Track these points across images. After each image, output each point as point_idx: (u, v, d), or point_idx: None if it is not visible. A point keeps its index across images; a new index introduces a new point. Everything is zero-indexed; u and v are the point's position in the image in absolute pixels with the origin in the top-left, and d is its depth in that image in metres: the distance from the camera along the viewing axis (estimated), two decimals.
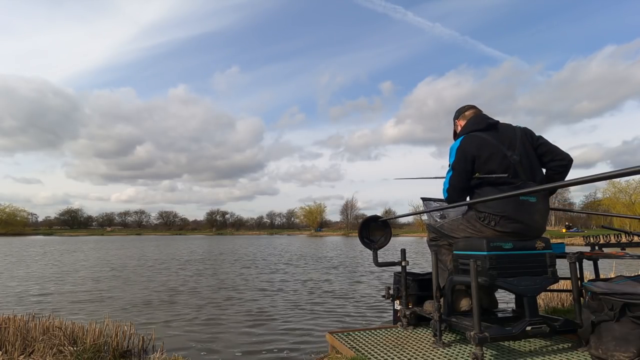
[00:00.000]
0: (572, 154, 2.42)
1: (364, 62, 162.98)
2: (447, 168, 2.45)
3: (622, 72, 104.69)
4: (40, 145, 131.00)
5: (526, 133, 2.42)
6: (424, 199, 3.17)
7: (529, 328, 2.04)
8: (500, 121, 2.50)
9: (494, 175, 2.26)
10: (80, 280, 9.25)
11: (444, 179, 2.49)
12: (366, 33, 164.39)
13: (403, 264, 2.79)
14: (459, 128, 2.61)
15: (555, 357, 2.12)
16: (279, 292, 7.52)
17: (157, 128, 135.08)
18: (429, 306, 2.64)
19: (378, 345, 2.45)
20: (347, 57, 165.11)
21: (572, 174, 2.44)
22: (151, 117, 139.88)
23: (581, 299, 2.31)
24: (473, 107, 2.61)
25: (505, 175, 2.24)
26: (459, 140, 2.43)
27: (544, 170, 2.42)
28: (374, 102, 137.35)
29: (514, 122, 2.53)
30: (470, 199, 2.42)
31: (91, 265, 13.03)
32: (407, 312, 2.77)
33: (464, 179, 2.35)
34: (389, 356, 2.23)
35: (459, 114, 2.64)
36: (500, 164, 2.26)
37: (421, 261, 13.84)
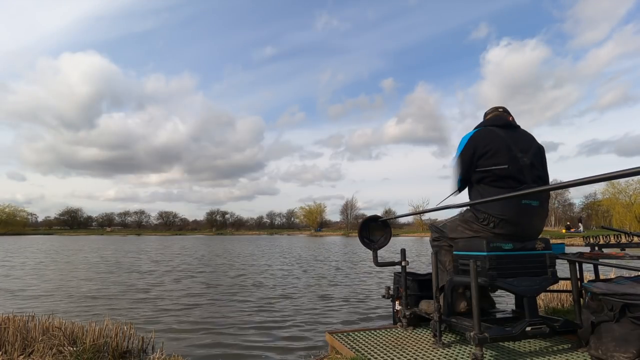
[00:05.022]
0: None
1: (366, 60, 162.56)
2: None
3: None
4: None
5: (542, 148, 2.44)
6: None
7: (528, 328, 2.04)
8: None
9: (496, 168, 2.24)
10: (79, 280, 9.25)
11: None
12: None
13: (403, 264, 2.79)
14: None
15: (555, 358, 2.12)
16: (278, 292, 7.52)
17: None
18: (424, 305, 2.64)
19: (378, 345, 2.45)
20: (349, 55, 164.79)
21: (573, 175, 2.46)
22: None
23: (581, 299, 2.32)
24: (498, 108, 2.55)
25: (506, 166, 2.22)
26: (472, 131, 2.43)
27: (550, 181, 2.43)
28: (374, 101, 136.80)
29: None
30: (470, 195, 2.42)
31: (91, 266, 13.03)
32: (407, 313, 2.77)
33: (466, 170, 2.36)
34: (389, 356, 2.23)
35: (485, 115, 2.62)
36: (507, 162, 2.24)
37: (421, 261, 13.84)
